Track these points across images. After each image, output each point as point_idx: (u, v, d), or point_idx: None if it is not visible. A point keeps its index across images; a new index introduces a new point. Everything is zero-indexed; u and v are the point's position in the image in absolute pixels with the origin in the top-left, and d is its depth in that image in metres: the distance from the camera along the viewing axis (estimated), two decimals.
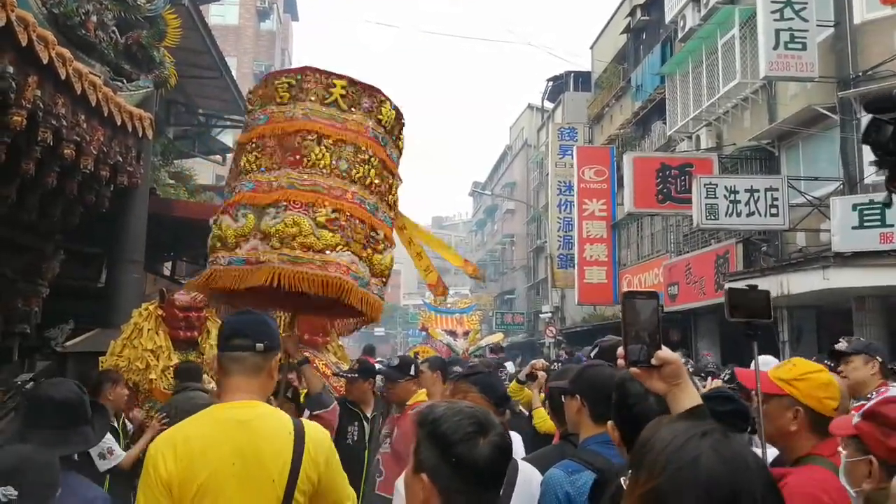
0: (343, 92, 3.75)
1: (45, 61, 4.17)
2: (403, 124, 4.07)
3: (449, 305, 23.99)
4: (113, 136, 5.44)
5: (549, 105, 33.26)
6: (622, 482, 1.57)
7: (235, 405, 2.24)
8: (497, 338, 23.76)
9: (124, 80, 6.76)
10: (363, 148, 3.76)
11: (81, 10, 6.16)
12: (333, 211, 3.56)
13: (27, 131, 4.32)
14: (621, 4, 23.47)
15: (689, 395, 1.65)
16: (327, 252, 3.50)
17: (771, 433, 2.33)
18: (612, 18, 24.69)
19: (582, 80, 29.23)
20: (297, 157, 3.63)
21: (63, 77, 4.41)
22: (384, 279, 3.81)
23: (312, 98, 3.72)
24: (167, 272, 12.91)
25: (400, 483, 1.78)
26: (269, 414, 2.27)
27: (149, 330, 5.50)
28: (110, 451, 4.49)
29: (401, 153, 4.11)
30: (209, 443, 2.14)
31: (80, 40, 6.19)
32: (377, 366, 5.58)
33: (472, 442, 1.58)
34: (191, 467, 2.10)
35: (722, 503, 1.10)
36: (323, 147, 3.64)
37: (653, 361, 1.63)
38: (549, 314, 29.07)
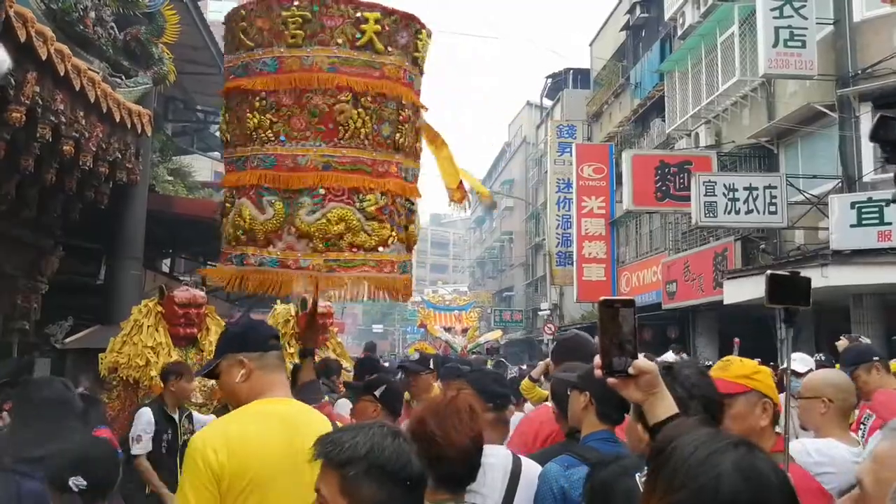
0: (378, 28, 2.95)
1: (43, 57, 4.16)
2: (430, 40, 3.27)
3: (447, 302, 24.02)
4: (112, 133, 5.44)
5: (547, 102, 33.24)
6: (638, 479, 1.54)
7: (279, 402, 2.30)
8: (496, 335, 23.80)
9: (123, 77, 6.74)
10: (405, 102, 3.05)
11: (80, 5, 6.14)
12: (382, 195, 2.95)
13: (26, 128, 4.32)
14: (620, 2, 23.43)
15: (666, 405, 1.62)
16: (380, 249, 2.99)
17: (739, 434, 2.28)
18: (611, 16, 24.66)
19: (581, 77, 29.21)
20: (331, 125, 2.89)
21: (62, 73, 4.40)
22: (412, 249, 3.34)
23: (340, 40, 2.90)
24: (166, 269, 12.90)
25: None
26: (307, 411, 2.35)
27: (148, 327, 5.50)
28: (138, 439, 4.64)
29: (422, 73, 3.28)
30: (261, 439, 2.18)
31: (79, 36, 6.17)
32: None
33: (412, 458, 1.58)
34: (243, 461, 2.12)
35: None
36: (361, 109, 2.91)
37: (630, 371, 1.60)
38: (548, 311, 29.07)
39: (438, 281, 74.24)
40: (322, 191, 2.87)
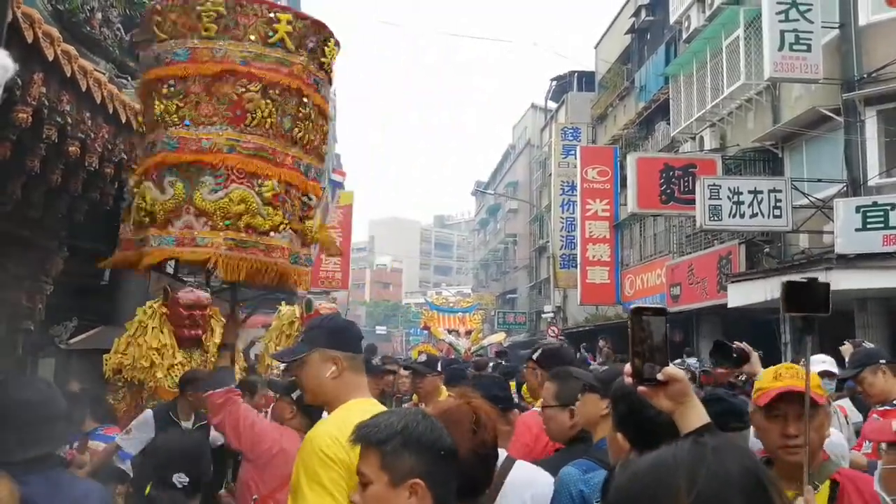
0: (289, 29, 3.19)
1: (50, 58, 4.16)
2: (338, 50, 3.51)
3: (451, 304, 24.04)
4: (117, 134, 5.43)
5: (552, 105, 33.23)
6: None
7: (373, 404, 2.39)
8: (499, 337, 23.80)
9: (129, 78, 6.75)
10: (306, 100, 3.26)
11: (86, 6, 6.15)
12: (279, 183, 3.16)
13: (32, 128, 4.32)
14: (626, 4, 23.43)
15: (697, 414, 1.60)
16: (272, 234, 3.15)
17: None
18: (616, 18, 24.65)
19: (586, 80, 29.19)
20: (238, 111, 3.10)
21: (68, 74, 4.40)
22: (311, 245, 3.53)
23: (253, 37, 3.14)
24: (170, 270, 12.91)
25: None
26: None
27: (153, 328, 5.50)
28: (127, 432, 4.54)
29: (331, 83, 3.57)
30: None
31: (85, 37, 6.18)
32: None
33: (444, 432, 1.72)
34: None
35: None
36: (269, 100, 3.13)
37: (659, 377, 1.60)
38: (552, 314, 29.05)
39: (442, 283, 74.29)
40: (224, 172, 3.04)
